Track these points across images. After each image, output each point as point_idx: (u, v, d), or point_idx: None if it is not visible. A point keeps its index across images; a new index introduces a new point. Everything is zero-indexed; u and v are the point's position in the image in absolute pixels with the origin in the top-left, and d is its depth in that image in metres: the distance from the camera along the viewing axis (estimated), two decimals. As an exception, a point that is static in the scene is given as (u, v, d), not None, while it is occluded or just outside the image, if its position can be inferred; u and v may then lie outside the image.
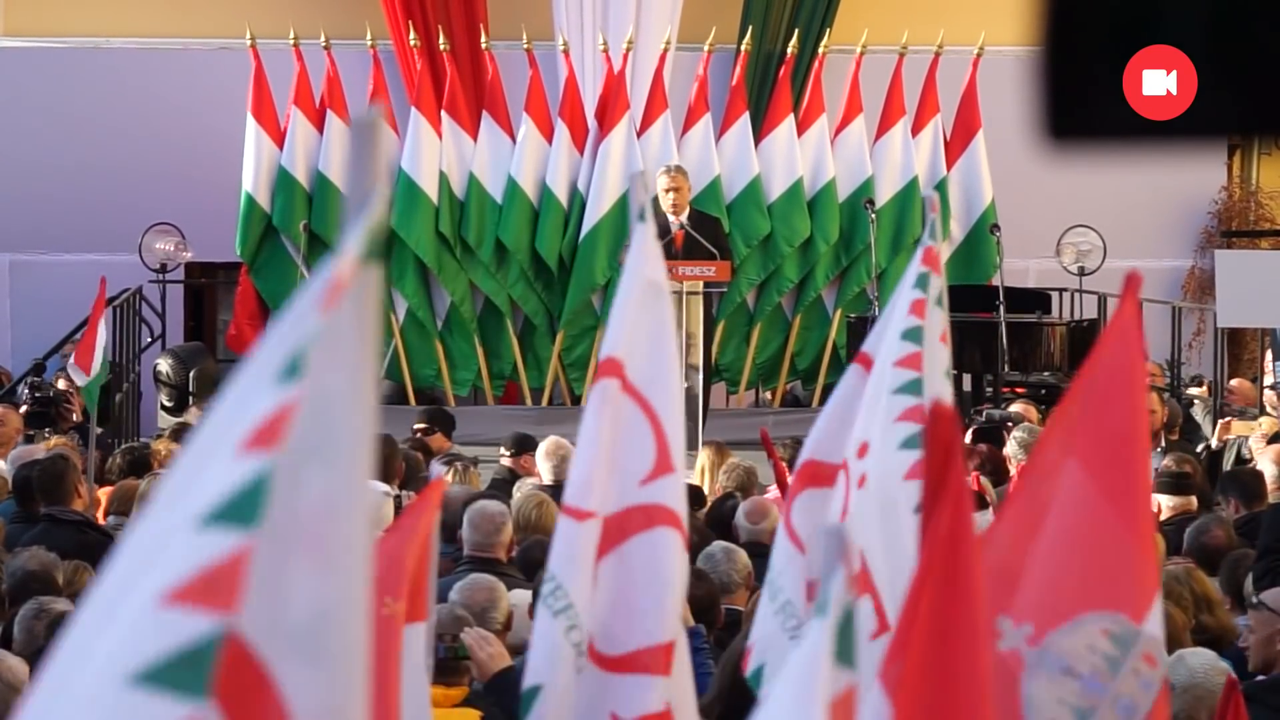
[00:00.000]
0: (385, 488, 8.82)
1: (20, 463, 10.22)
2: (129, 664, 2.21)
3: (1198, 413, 13.94)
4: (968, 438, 11.64)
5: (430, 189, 15.60)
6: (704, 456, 11.23)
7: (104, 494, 10.32)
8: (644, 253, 4.20)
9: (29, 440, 12.21)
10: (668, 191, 14.23)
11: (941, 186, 15.91)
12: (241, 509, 2.20)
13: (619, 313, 4.14)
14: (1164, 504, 9.80)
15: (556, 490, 10.38)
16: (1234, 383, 14.65)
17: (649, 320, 4.18)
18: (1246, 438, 12.03)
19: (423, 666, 3.93)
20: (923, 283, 4.91)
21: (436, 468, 10.92)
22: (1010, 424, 11.99)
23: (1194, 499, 9.83)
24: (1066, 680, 3.66)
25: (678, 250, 13.85)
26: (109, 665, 2.21)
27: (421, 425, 12.75)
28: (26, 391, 13.92)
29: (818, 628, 2.49)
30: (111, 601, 2.26)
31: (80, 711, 2.23)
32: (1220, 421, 13.15)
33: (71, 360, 12.04)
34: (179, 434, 11.54)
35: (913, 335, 4.87)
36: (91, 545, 8.81)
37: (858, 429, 4.72)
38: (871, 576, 4.47)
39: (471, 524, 8.33)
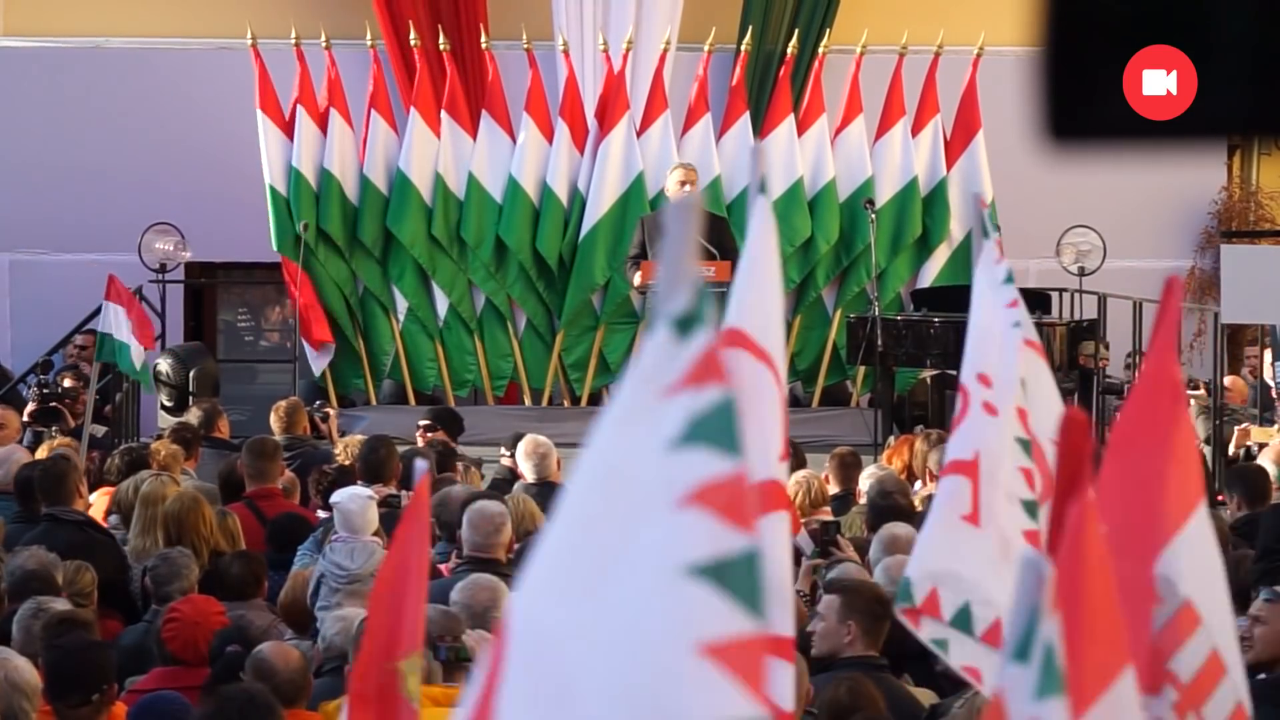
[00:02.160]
0: (369, 491, 8.80)
1: (4, 462, 10.20)
2: (679, 559, 2.46)
3: (1193, 413, 13.94)
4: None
5: (424, 190, 15.60)
6: None
7: (104, 494, 10.30)
8: (764, 228, 4.28)
9: (37, 438, 12.22)
10: (683, 184, 14.21)
11: (941, 187, 15.91)
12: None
13: (746, 283, 4.22)
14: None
15: (541, 488, 10.38)
16: (1228, 381, 14.64)
17: (771, 293, 4.28)
18: (1264, 445, 11.98)
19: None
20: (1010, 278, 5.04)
21: (420, 464, 10.89)
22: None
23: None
24: None
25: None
26: (658, 560, 2.47)
27: (426, 424, 12.74)
28: (34, 389, 13.93)
29: (1016, 674, 2.59)
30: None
31: (639, 599, 2.47)
32: (1239, 428, 13.12)
33: (137, 346, 12.14)
34: (177, 434, 11.53)
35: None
36: (93, 545, 8.81)
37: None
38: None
39: (471, 524, 8.33)
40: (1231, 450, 12.45)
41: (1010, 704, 2.60)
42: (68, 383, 14.33)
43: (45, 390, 13.64)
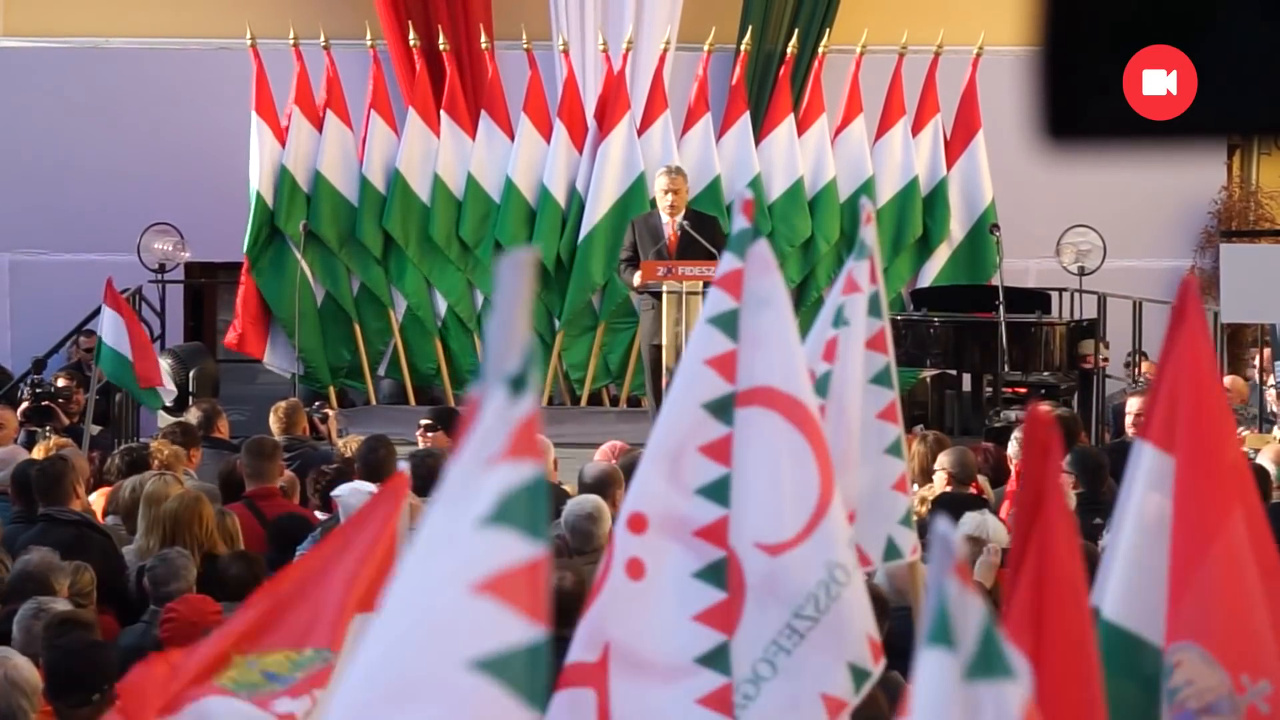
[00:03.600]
0: (371, 486, 8.80)
1: (8, 464, 10.20)
2: (466, 652, 2.49)
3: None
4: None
5: (422, 191, 15.60)
6: None
7: (103, 495, 10.30)
8: (766, 271, 4.45)
9: (30, 438, 12.20)
10: (666, 193, 14.18)
11: (941, 186, 15.91)
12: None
13: (767, 335, 4.43)
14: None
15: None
16: (1227, 381, 14.63)
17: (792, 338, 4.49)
18: (1257, 450, 11.97)
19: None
20: (838, 319, 4.94)
21: (402, 464, 10.89)
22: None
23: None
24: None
25: (671, 253, 13.82)
26: (447, 649, 2.51)
27: (426, 424, 12.72)
28: (27, 388, 13.92)
29: (936, 659, 2.54)
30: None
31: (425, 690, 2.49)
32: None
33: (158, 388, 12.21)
34: (174, 434, 11.51)
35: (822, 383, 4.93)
36: (89, 544, 8.81)
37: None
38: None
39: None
40: None
41: (927, 690, 2.56)
42: (61, 382, 14.32)
43: (38, 390, 13.64)
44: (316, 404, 14.27)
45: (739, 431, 4.41)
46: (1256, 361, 15.21)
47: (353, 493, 8.25)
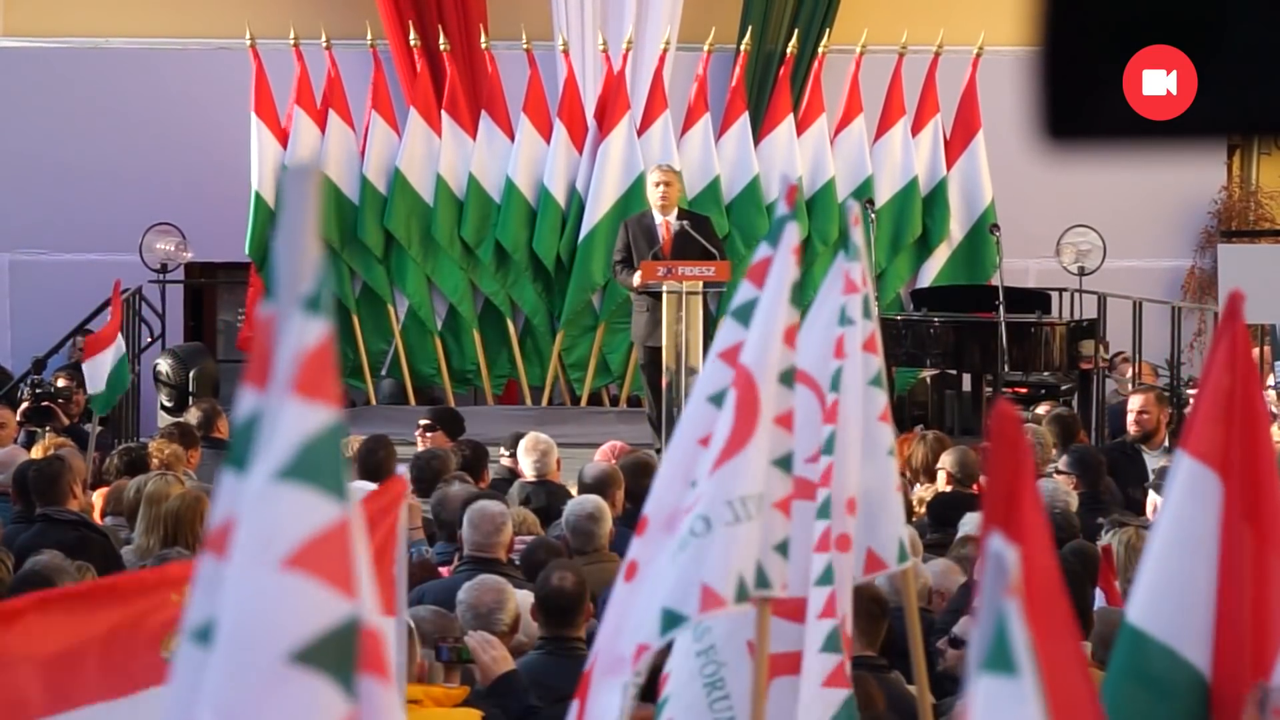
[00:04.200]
0: (371, 487, 8.80)
1: (8, 465, 10.19)
2: (283, 645, 2.39)
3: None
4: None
5: (424, 191, 15.60)
6: None
7: (101, 495, 10.30)
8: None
9: (30, 438, 12.20)
10: (658, 185, 14.19)
11: (941, 186, 15.91)
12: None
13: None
14: (1159, 503, 9.77)
15: (540, 486, 10.37)
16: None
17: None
18: None
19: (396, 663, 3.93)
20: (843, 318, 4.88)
21: (400, 467, 10.89)
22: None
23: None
24: None
25: (665, 253, 13.83)
26: (266, 644, 2.40)
27: (426, 424, 12.73)
28: (27, 388, 13.92)
29: (997, 686, 2.40)
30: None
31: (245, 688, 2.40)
32: None
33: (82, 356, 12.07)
34: (173, 433, 11.51)
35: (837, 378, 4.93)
36: (87, 544, 8.81)
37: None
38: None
39: (471, 524, 8.33)
40: None
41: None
42: (61, 382, 14.32)
43: (38, 390, 13.63)
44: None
45: (726, 404, 4.40)
46: (1262, 362, 15.19)
47: (352, 491, 8.24)
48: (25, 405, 13.34)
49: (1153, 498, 9.84)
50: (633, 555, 4.37)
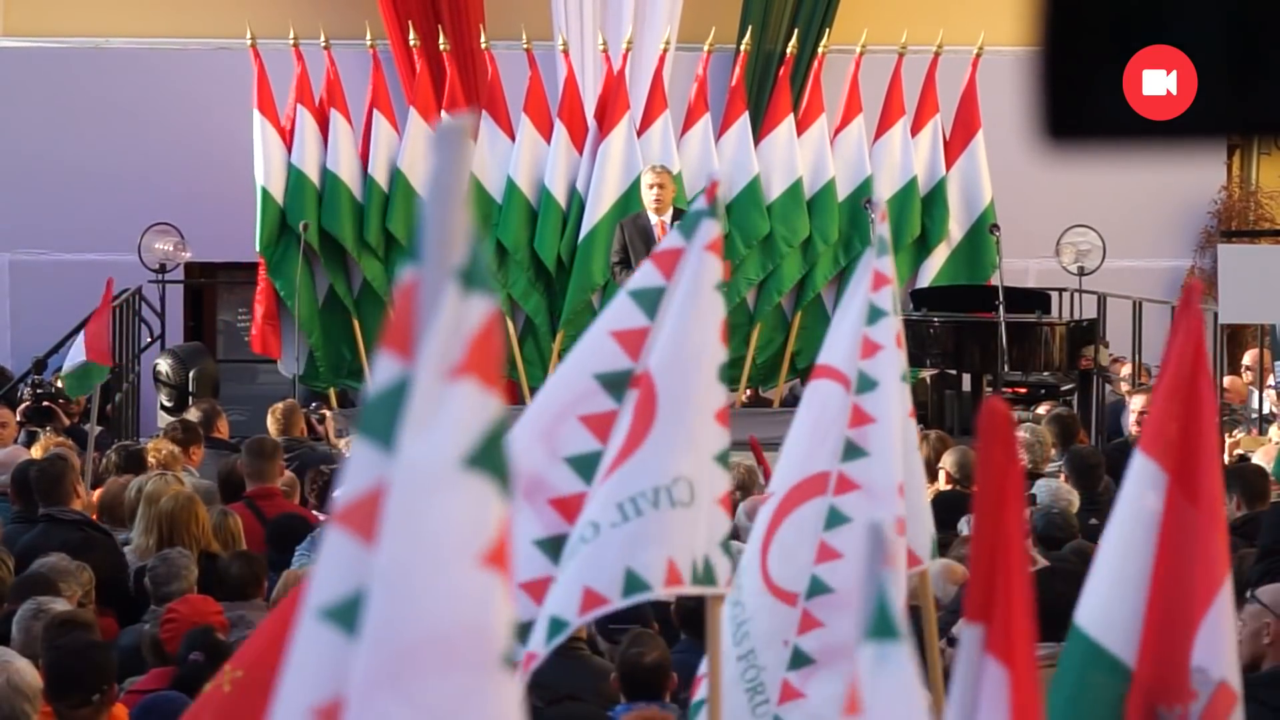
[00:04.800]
0: None
1: (8, 465, 10.18)
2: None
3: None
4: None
5: (423, 189, 15.58)
6: None
7: (97, 494, 10.29)
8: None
9: (31, 438, 12.20)
10: (651, 187, 14.23)
11: (940, 186, 15.91)
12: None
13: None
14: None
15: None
16: (1226, 381, 14.64)
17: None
18: (1254, 453, 11.96)
19: None
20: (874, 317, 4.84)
21: None
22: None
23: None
24: None
25: (659, 252, 13.82)
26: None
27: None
28: (27, 389, 13.92)
29: (884, 652, 2.54)
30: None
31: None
32: (1229, 440, 13.10)
33: (82, 357, 12.01)
34: (175, 431, 11.51)
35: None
36: (91, 544, 8.80)
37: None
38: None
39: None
40: (1226, 462, 12.43)
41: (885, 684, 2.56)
42: (61, 383, 14.32)
43: (39, 390, 13.64)
44: (314, 405, 14.29)
45: (624, 410, 4.36)
46: (1246, 361, 15.21)
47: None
48: (26, 405, 13.35)
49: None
50: None
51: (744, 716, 4.54)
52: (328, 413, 13.84)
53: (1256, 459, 11.18)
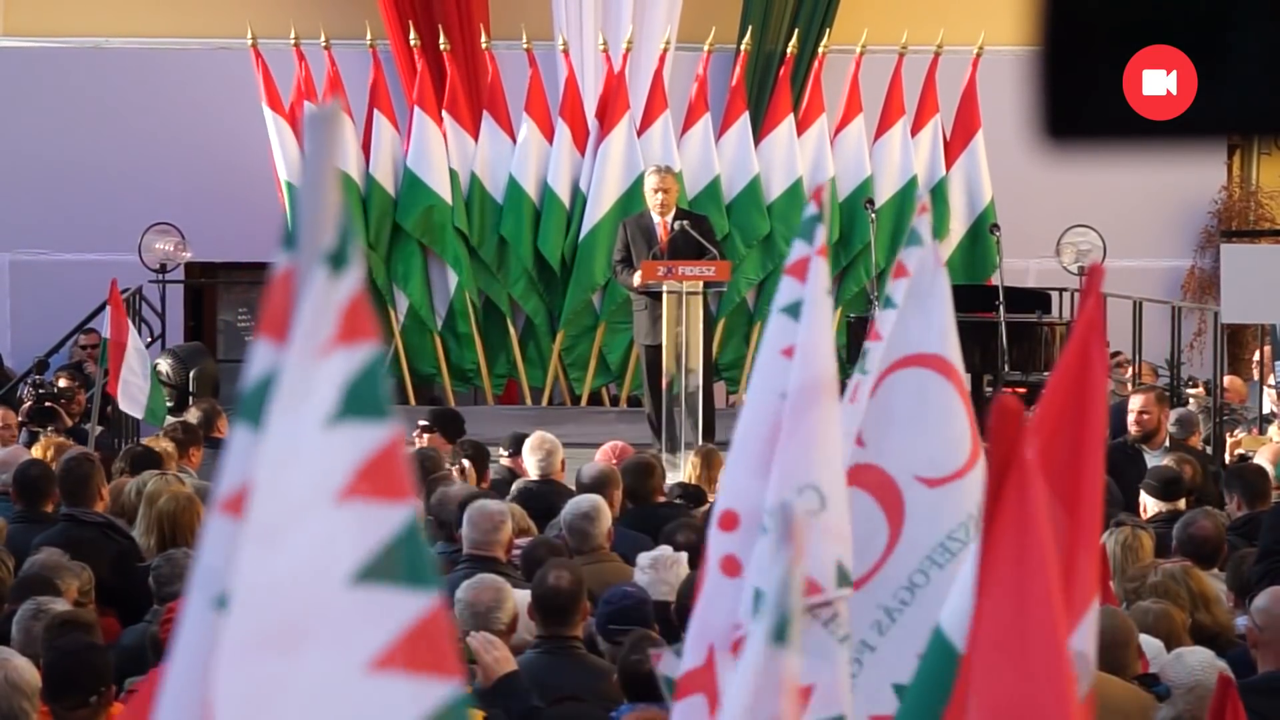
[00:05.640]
0: None
1: (10, 464, 10.15)
2: (343, 568, 2.36)
3: (1193, 410, 13.94)
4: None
5: (441, 188, 15.58)
6: (692, 462, 11.19)
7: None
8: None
9: (32, 438, 12.20)
10: (656, 191, 14.25)
11: (941, 186, 15.91)
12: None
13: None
14: (1149, 505, 9.77)
15: (544, 485, 10.38)
16: (1226, 380, 14.65)
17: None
18: (1255, 452, 11.95)
19: None
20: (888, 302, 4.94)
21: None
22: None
23: (1182, 503, 9.75)
24: None
25: (662, 253, 13.85)
26: (323, 569, 2.37)
27: (424, 424, 12.73)
28: (29, 389, 13.92)
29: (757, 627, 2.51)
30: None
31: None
32: (1229, 439, 13.10)
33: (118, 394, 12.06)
34: (175, 431, 11.51)
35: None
36: (111, 548, 8.76)
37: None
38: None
39: (471, 522, 8.33)
40: (1226, 461, 12.43)
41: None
42: (63, 383, 14.32)
43: (40, 390, 13.64)
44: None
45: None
46: (1257, 357, 15.21)
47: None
48: (28, 406, 13.35)
49: (1144, 498, 9.84)
50: (728, 550, 4.36)
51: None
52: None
53: (1260, 459, 11.17)
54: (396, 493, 2.41)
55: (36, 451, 10.85)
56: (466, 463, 11.30)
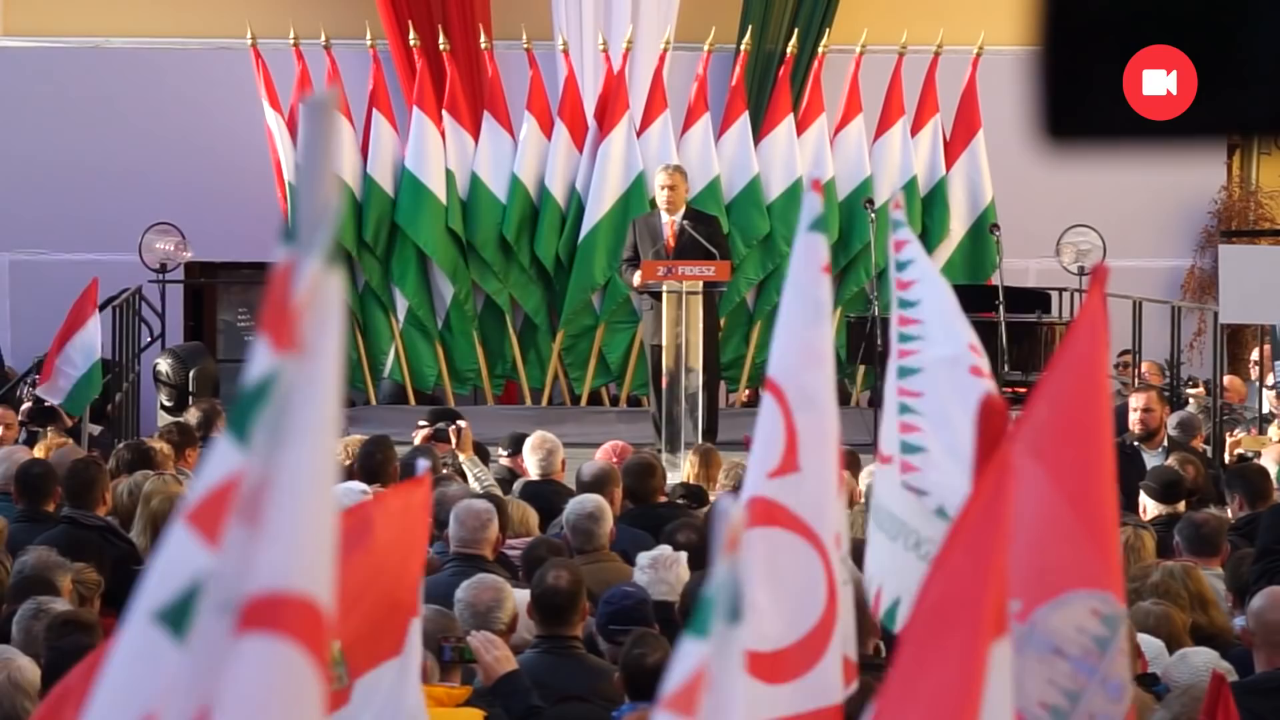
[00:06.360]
0: (363, 486, 8.83)
1: (3, 461, 10.15)
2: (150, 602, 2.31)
3: (1193, 410, 13.94)
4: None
5: (438, 188, 15.59)
6: (690, 461, 11.19)
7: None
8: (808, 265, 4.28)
9: (32, 438, 12.19)
10: (663, 188, 14.27)
11: (941, 186, 15.91)
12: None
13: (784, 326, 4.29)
14: (1149, 507, 9.76)
15: (545, 485, 10.38)
16: (1226, 380, 14.66)
17: (812, 336, 4.26)
18: (1257, 453, 11.95)
19: (416, 661, 3.93)
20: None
21: (421, 463, 10.89)
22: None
23: (1181, 506, 9.75)
24: (1056, 661, 3.65)
25: (669, 252, 13.86)
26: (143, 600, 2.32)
27: (425, 424, 12.73)
28: (28, 389, 13.92)
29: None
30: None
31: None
32: (1229, 439, 13.09)
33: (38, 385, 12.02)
34: (171, 433, 11.50)
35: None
36: (116, 553, 8.75)
37: None
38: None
39: (458, 520, 8.33)
40: (1226, 461, 12.42)
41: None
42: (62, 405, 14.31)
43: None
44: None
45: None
46: (1255, 357, 15.21)
47: (345, 493, 8.25)
48: (28, 406, 13.35)
49: (1144, 500, 9.84)
50: None
51: None
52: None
53: (1265, 460, 11.17)
54: (210, 536, 2.30)
55: (38, 452, 10.85)
56: (462, 423, 11.31)
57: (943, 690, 2.79)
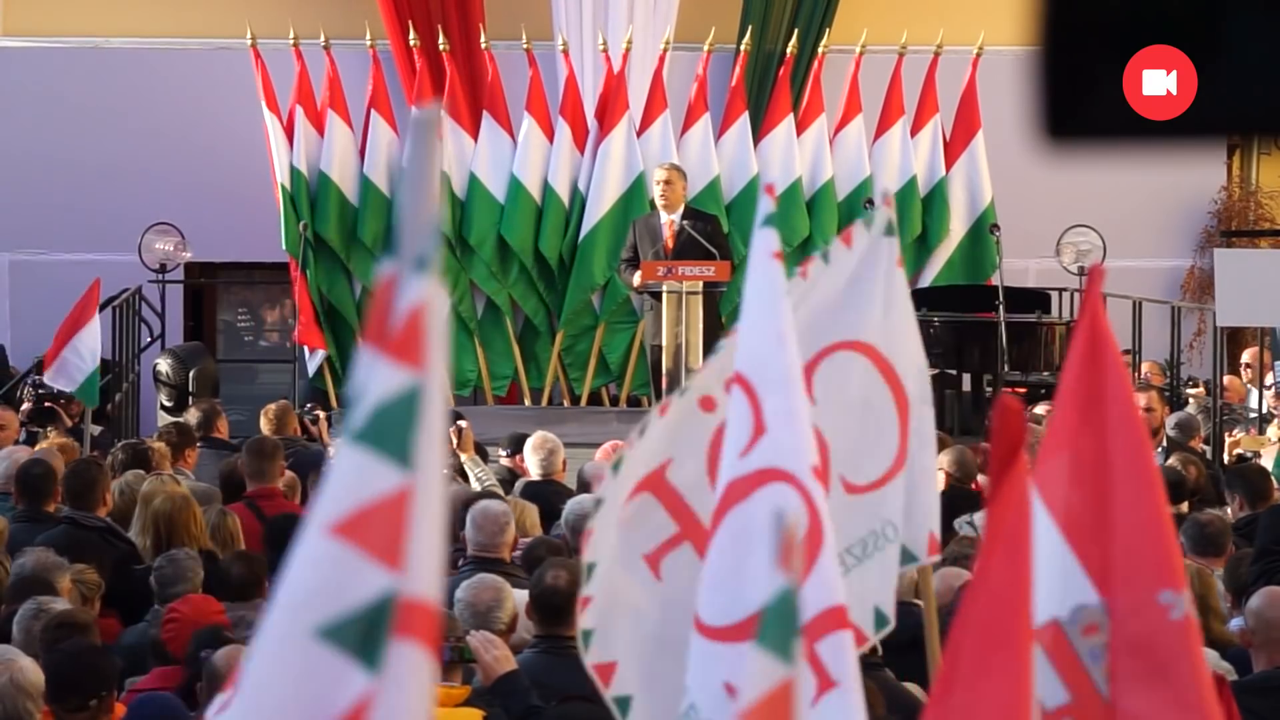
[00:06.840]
0: None
1: (3, 460, 10.14)
2: (310, 619, 2.31)
3: (1193, 410, 13.95)
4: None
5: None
6: None
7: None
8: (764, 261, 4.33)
9: (32, 439, 12.19)
10: (659, 184, 14.27)
11: (941, 186, 15.91)
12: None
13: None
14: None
15: (545, 485, 10.37)
16: (1226, 380, 14.65)
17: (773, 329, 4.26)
18: (1258, 453, 11.93)
19: None
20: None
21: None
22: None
23: (1184, 507, 9.74)
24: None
25: (668, 252, 13.86)
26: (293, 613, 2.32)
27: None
28: (28, 389, 13.91)
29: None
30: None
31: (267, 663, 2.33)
32: (1229, 439, 13.09)
33: (47, 372, 12.00)
34: (169, 433, 11.49)
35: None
36: (116, 554, 8.75)
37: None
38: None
39: (475, 524, 8.32)
40: (1225, 462, 12.42)
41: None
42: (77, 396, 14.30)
43: (40, 390, 13.63)
44: (308, 405, 14.29)
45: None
46: (1245, 358, 15.21)
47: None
48: (28, 406, 13.34)
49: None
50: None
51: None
52: (321, 414, 13.81)
53: (1266, 461, 11.17)
54: (386, 552, 2.30)
55: (45, 447, 10.84)
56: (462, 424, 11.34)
57: (999, 699, 2.83)
